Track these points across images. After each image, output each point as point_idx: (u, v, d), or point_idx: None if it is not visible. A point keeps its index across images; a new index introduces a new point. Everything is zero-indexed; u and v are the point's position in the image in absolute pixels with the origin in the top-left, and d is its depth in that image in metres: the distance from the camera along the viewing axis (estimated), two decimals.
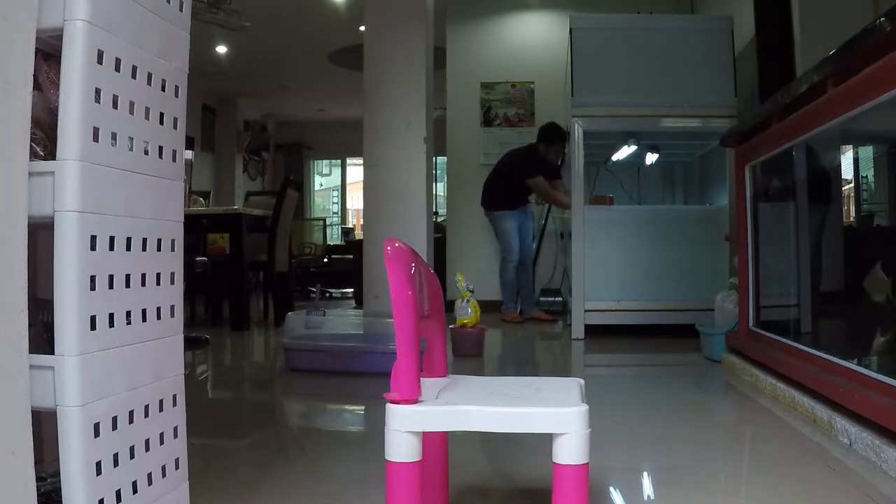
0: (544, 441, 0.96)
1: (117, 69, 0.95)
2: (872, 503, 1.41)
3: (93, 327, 0.90)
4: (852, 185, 2.71)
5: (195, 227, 4.68)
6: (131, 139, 0.99)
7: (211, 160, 9.36)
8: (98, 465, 0.90)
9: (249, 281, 5.42)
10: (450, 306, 2.90)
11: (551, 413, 0.95)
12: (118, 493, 0.94)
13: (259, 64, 7.98)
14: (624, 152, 4.71)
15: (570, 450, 0.92)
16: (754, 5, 3.78)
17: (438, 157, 7.24)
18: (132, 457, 0.98)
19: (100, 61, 0.91)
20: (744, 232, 3.06)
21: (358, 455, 1.91)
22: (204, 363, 3.57)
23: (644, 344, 4.00)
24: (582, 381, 1.17)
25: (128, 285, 0.98)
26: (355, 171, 11.13)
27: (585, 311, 4.18)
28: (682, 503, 1.48)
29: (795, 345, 2.47)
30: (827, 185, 2.65)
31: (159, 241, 1.06)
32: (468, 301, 3.62)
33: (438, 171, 8.20)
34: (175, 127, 1.11)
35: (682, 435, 2.02)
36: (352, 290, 7.35)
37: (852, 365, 1.98)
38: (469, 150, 6.15)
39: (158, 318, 1.06)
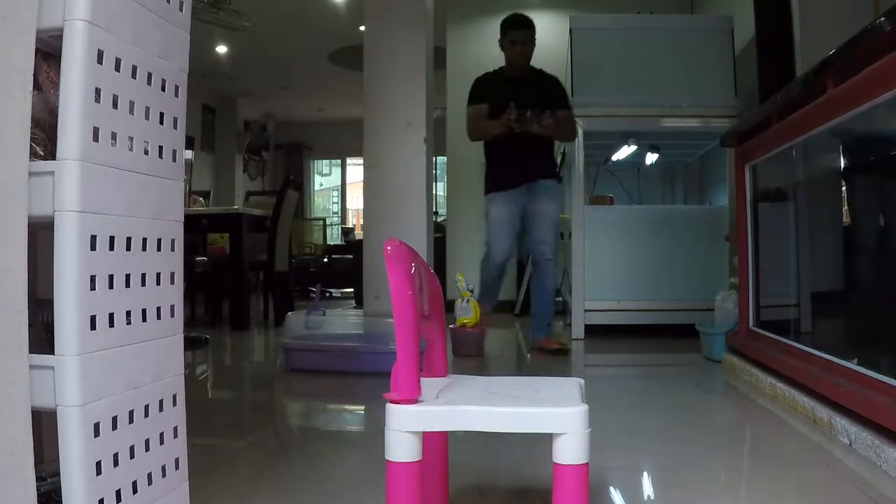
0: (544, 441, 0.96)
1: (117, 69, 0.95)
2: (872, 503, 1.41)
3: (93, 327, 0.90)
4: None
5: (195, 227, 4.68)
6: (131, 139, 0.99)
7: (211, 160, 9.36)
8: (98, 465, 0.90)
9: (249, 281, 5.42)
10: (450, 306, 2.90)
11: (551, 413, 0.95)
12: (118, 493, 0.94)
13: (259, 64, 7.98)
14: (624, 152, 4.71)
15: (570, 450, 0.92)
16: (754, 5, 3.78)
17: (438, 157, 7.24)
18: (132, 457, 0.98)
19: (100, 61, 0.91)
20: (744, 232, 3.06)
21: (358, 455, 1.91)
22: (204, 363, 3.57)
23: (644, 344, 4.00)
24: (582, 381, 1.17)
25: (128, 285, 0.98)
26: (355, 171, 11.13)
27: (585, 311, 4.18)
28: (682, 503, 1.48)
29: (795, 345, 2.47)
30: (827, 184, 2.65)
31: (159, 241, 1.06)
32: (468, 301, 3.61)
33: (438, 171, 8.19)
34: (175, 127, 1.11)
35: (682, 435, 2.02)
36: (352, 290, 7.35)
37: (852, 365, 1.98)
38: (469, 150, 6.14)
39: (158, 318, 1.06)
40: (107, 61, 0.93)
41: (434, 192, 4.96)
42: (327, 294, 8.08)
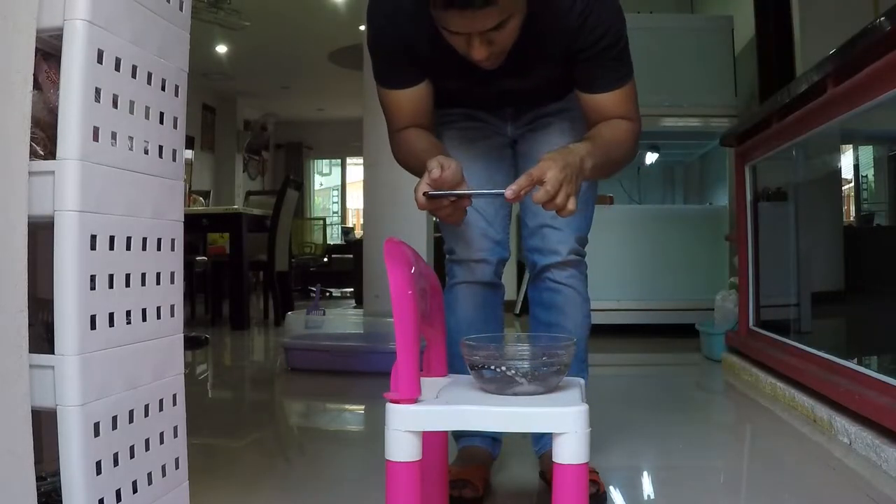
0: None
1: (117, 69, 0.95)
2: (872, 503, 1.41)
3: (93, 327, 0.90)
4: (852, 184, 2.71)
5: (195, 227, 4.68)
6: (131, 139, 0.99)
7: (211, 160, 9.36)
8: (98, 464, 0.90)
9: (249, 281, 5.42)
10: None
11: (551, 413, 0.95)
12: (118, 493, 0.94)
13: (259, 64, 7.98)
14: None
15: (570, 449, 0.92)
16: (754, 5, 3.78)
17: None
18: (132, 456, 0.98)
19: (100, 61, 0.91)
20: (743, 231, 3.06)
21: (358, 455, 1.91)
22: (204, 363, 3.57)
23: (644, 344, 4.00)
24: (582, 381, 1.17)
25: (128, 285, 0.98)
26: (355, 170, 11.12)
27: None
28: (682, 503, 1.48)
29: (795, 344, 2.47)
30: (825, 184, 2.65)
31: (159, 240, 1.06)
32: None
33: None
34: (175, 126, 1.10)
35: (682, 435, 2.02)
36: (352, 289, 7.35)
37: (852, 365, 1.98)
38: None
39: (158, 317, 1.05)
40: (107, 61, 0.93)
41: None
42: (327, 294, 8.08)
